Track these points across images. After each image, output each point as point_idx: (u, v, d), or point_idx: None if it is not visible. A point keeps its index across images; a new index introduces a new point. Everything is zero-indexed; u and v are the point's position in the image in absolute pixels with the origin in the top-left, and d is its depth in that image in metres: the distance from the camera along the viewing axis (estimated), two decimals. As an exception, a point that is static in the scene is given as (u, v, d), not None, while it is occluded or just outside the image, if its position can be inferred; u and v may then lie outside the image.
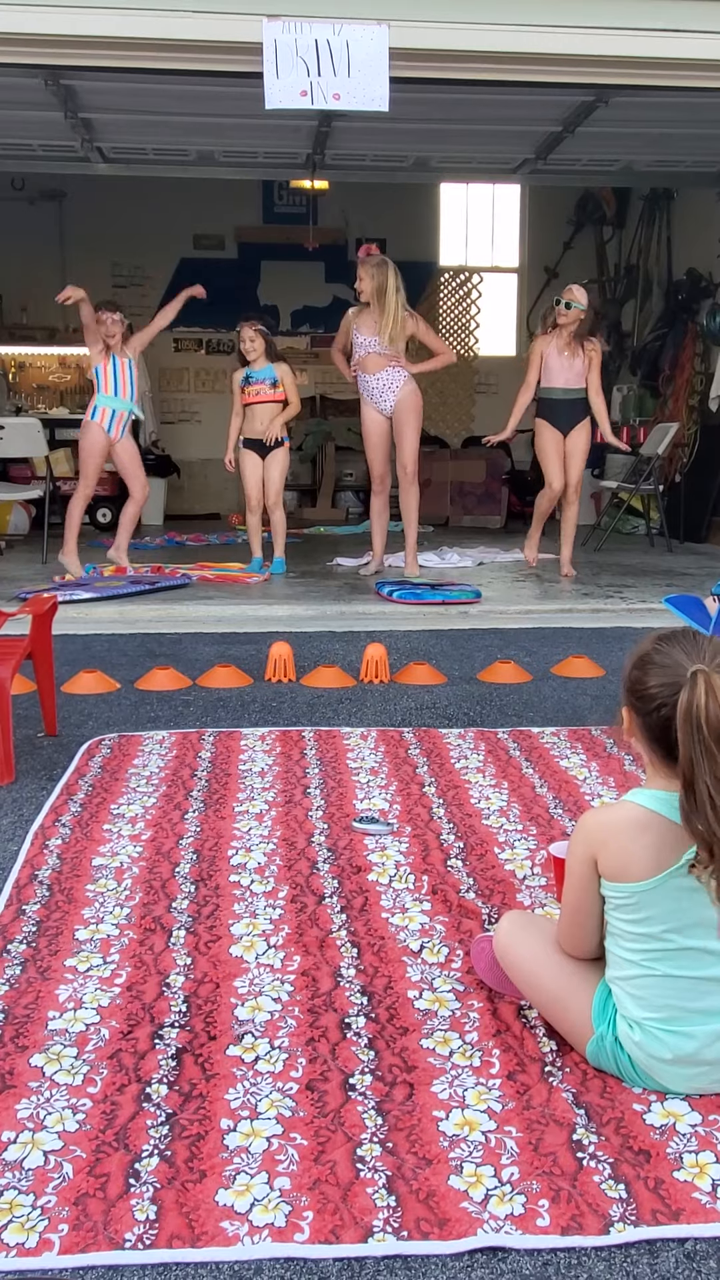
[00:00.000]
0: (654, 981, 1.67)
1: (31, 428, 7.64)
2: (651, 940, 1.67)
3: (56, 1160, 1.54)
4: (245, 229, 11.07)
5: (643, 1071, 1.69)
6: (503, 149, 7.99)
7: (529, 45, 5.29)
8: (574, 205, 11.06)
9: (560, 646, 4.83)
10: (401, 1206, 1.45)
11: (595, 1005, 1.73)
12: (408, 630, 5.21)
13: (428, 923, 2.25)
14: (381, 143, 7.66)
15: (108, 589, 5.87)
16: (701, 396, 9.04)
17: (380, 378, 6.33)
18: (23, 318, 10.88)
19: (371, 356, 6.31)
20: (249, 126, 7.05)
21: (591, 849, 1.71)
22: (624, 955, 1.71)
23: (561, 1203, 1.46)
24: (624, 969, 1.71)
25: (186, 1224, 1.42)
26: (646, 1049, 1.67)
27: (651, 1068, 1.68)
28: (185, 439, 11.18)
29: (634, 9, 5.28)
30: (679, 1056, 1.66)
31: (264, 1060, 1.77)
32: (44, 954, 2.13)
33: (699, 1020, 1.66)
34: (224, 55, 5.30)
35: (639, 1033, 1.67)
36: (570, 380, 6.54)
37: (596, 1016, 1.73)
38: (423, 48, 5.27)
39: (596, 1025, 1.72)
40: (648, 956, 1.68)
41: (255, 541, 6.92)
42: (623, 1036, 1.69)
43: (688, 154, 8.02)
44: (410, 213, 11.00)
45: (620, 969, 1.71)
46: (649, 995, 1.68)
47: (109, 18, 5.05)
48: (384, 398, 6.37)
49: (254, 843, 2.66)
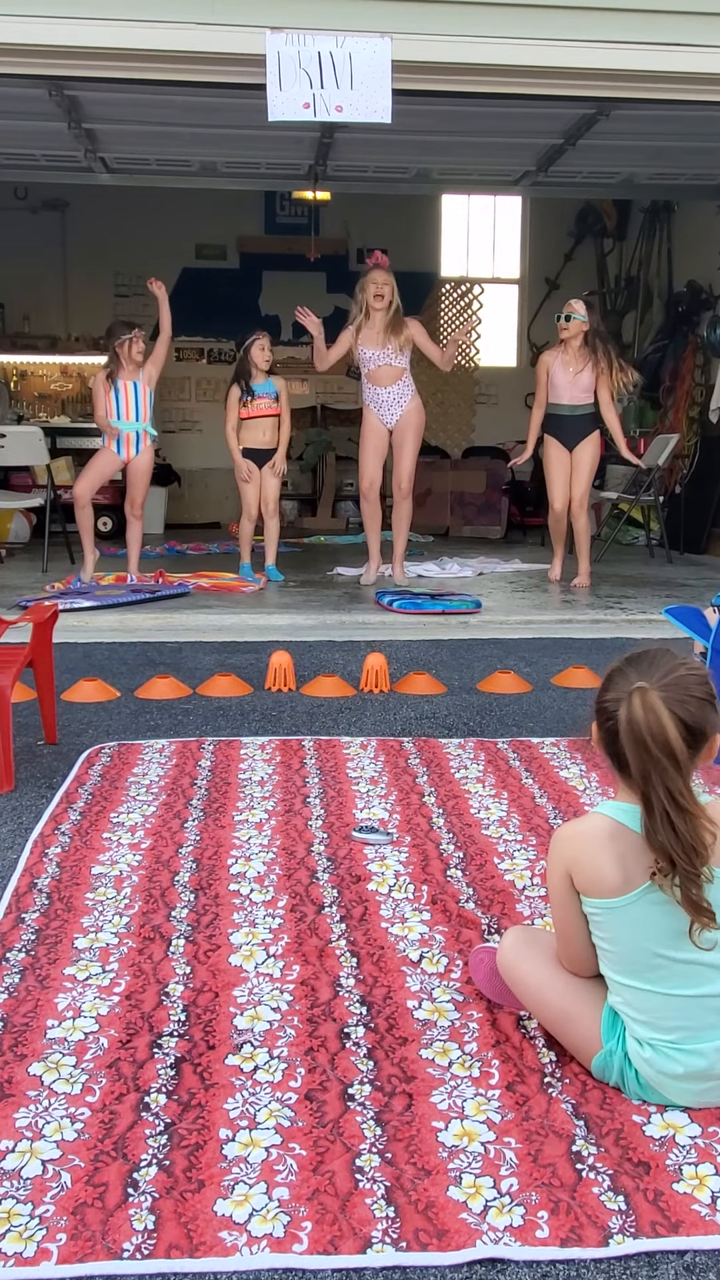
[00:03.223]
0: (659, 1001, 1.66)
1: (33, 436, 7.65)
2: (639, 959, 1.67)
3: (55, 1169, 1.54)
4: (247, 239, 11.10)
5: (648, 1085, 1.68)
6: (504, 161, 8.03)
7: (530, 59, 5.32)
8: (575, 217, 11.09)
9: (560, 657, 4.84)
10: (400, 1217, 1.45)
11: (604, 1020, 1.73)
12: (408, 640, 5.22)
13: (427, 932, 2.25)
14: (383, 154, 7.69)
15: (108, 598, 5.88)
16: (702, 408, 9.06)
17: (391, 391, 6.37)
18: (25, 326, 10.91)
19: (384, 369, 6.35)
20: (251, 138, 7.08)
21: (565, 863, 1.72)
22: (619, 979, 1.70)
23: (561, 1214, 1.46)
24: (622, 993, 1.70)
25: (185, 1234, 1.42)
26: (657, 1065, 1.66)
27: (660, 1083, 1.67)
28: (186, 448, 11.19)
29: (635, 23, 5.31)
30: (691, 1073, 1.65)
31: (263, 1070, 1.77)
32: (43, 962, 2.12)
33: (710, 1036, 1.65)
34: (227, 67, 5.32)
35: (649, 1050, 1.67)
36: (576, 396, 6.54)
37: (606, 1032, 1.72)
38: (425, 60, 5.30)
39: (606, 1041, 1.72)
40: (644, 979, 1.67)
41: (245, 549, 6.96)
42: (632, 1053, 1.69)
43: (688, 167, 8.05)
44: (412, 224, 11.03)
45: (619, 993, 1.71)
46: (655, 1017, 1.67)
47: (113, 29, 5.08)
48: (391, 411, 6.40)
49: (253, 852, 2.66)
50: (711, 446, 8.86)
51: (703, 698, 1.64)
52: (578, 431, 6.57)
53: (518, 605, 6.09)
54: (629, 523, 9.18)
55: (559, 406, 6.58)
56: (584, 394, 6.53)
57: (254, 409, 6.68)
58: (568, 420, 6.57)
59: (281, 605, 5.99)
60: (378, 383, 6.37)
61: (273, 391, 6.73)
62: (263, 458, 6.76)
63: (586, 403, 6.56)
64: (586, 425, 6.59)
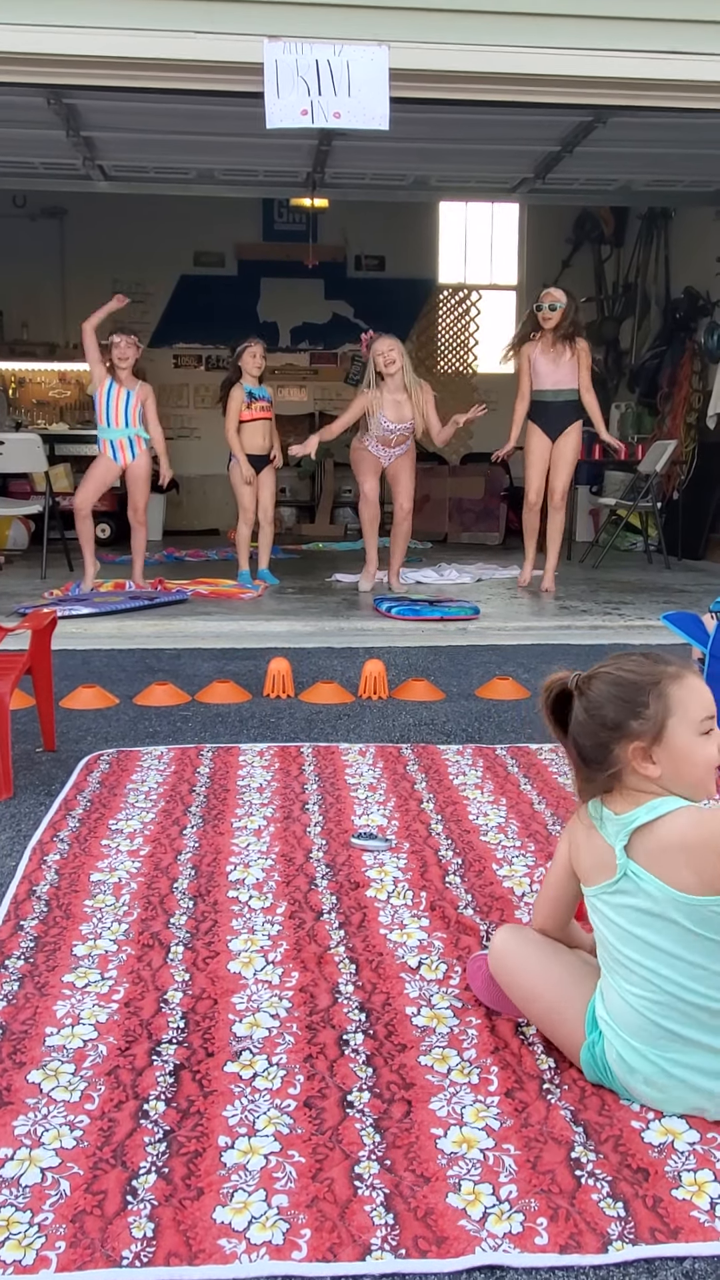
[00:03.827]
0: (619, 997, 1.69)
1: (31, 443, 7.66)
2: (601, 949, 1.73)
3: (54, 1177, 1.54)
4: (245, 246, 11.13)
5: (623, 1086, 1.70)
6: (501, 168, 8.05)
7: (528, 66, 5.34)
8: (572, 224, 11.12)
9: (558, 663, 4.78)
10: (399, 1224, 1.45)
11: (589, 1013, 1.74)
12: (406, 646, 5.22)
13: (426, 939, 2.25)
14: (381, 161, 7.71)
15: (106, 604, 5.88)
16: (699, 414, 9.08)
17: (397, 450, 6.50)
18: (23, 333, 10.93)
19: (399, 435, 6.44)
20: (249, 145, 7.10)
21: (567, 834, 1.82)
22: (602, 968, 1.74)
23: (560, 1221, 1.46)
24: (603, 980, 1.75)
25: (184, 1241, 1.42)
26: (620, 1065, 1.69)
27: (629, 1085, 1.69)
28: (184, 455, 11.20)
29: (631, 31, 5.33)
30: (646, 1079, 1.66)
31: (262, 1077, 1.77)
32: (42, 970, 2.12)
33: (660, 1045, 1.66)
34: (225, 75, 5.34)
35: (615, 1049, 1.69)
36: (560, 380, 6.56)
37: (590, 1024, 1.73)
38: (422, 68, 5.32)
39: (588, 1033, 1.73)
40: (606, 970, 1.72)
41: (244, 555, 7.00)
42: (606, 1046, 1.70)
43: (685, 174, 8.07)
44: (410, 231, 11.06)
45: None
46: (616, 1010, 1.69)
47: (112, 38, 5.10)
48: (390, 457, 6.54)
49: (252, 858, 2.66)
50: (709, 452, 8.88)
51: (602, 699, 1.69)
52: (561, 418, 6.58)
53: (516, 611, 6.09)
54: (627, 528, 9.20)
55: (543, 393, 6.59)
56: (568, 378, 6.56)
57: (254, 411, 6.74)
58: (552, 406, 6.58)
59: (280, 612, 6.00)
60: (388, 445, 6.48)
61: (268, 396, 6.85)
62: (260, 463, 6.83)
63: (570, 387, 6.57)
64: (570, 413, 6.60)
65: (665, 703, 1.64)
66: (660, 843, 1.63)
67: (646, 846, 1.64)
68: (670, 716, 1.64)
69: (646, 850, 1.63)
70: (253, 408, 6.73)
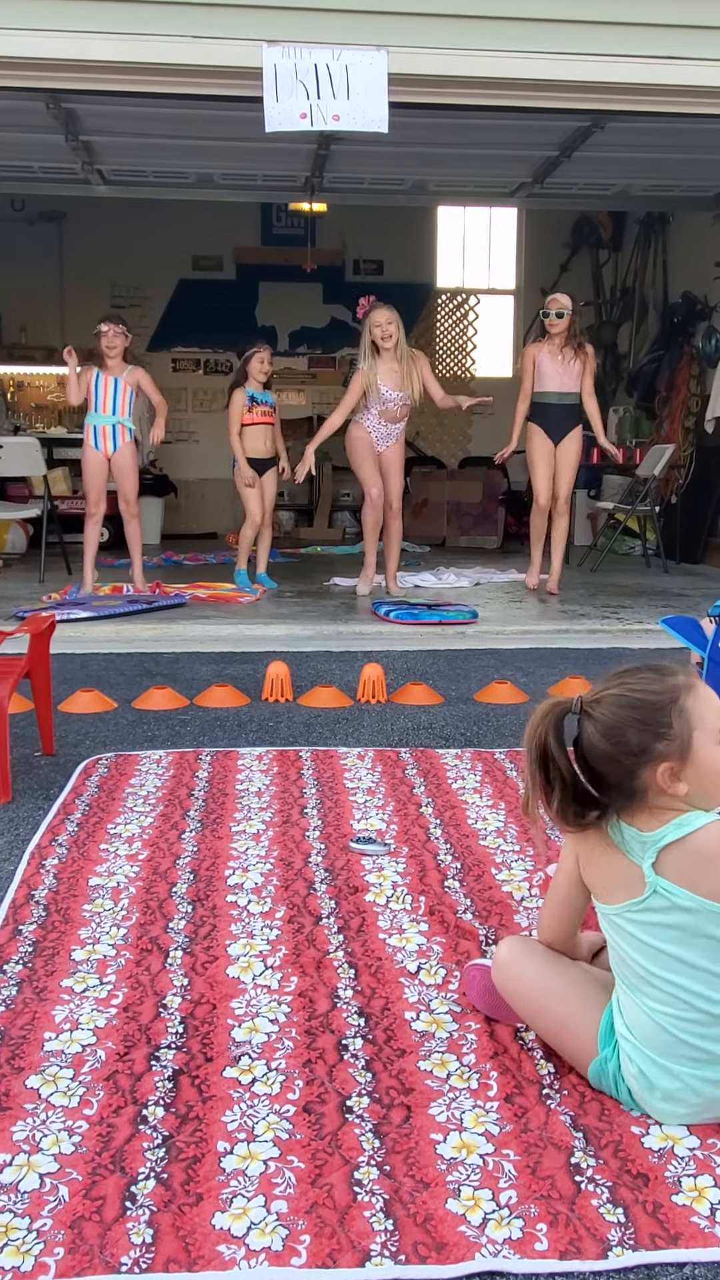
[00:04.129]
0: (643, 1015, 1.67)
1: (30, 447, 7.66)
2: (622, 966, 1.69)
3: (52, 1183, 1.53)
4: (244, 250, 11.15)
5: (637, 1100, 1.69)
6: (500, 173, 8.06)
7: (526, 71, 5.35)
8: (570, 228, 11.14)
9: (557, 667, 4.84)
10: (399, 1230, 1.45)
11: (602, 1028, 1.73)
12: (405, 650, 5.22)
13: (425, 944, 2.25)
14: (379, 166, 7.72)
15: (105, 608, 5.88)
16: (697, 418, 9.09)
17: (394, 426, 6.49)
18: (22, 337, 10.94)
19: (401, 408, 6.44)
20: (248, 149, 7.11)
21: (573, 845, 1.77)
22: (620, 984, 1.71)
23: (560, 1226, 1.45)
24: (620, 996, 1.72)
25: (183, 1247, 1.41)
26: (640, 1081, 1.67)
27: (644, 1100, 1.68)
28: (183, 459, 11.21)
29: (629, 36, 5.34)
30: (667, 1094, 1.65)
31: (261, 1082, 1.77)
32: (40, 975, 2.12)
33: (684, 1062, 1.64)
34: (224, 80, 5.35)
35: (635, 1065, 1.67)
36: (565, 384, 6.58)
37: (603, 1039, 1.72)
38: (421, 73, 5.33)
39: (601, 1048, 1.72)
40: (629, 987, 1.69)
41: (244, 555, 7.01)
42: (624, 1062, 1.69)
43: (683, 179, 8.09)
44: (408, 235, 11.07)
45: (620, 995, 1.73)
46: (640, 1027, 1.67)
47: (111, 43, 5.10)
48: (386, 439, 6.51)
49: (251, 863, 2.66)
50: (707, 456, 8.88)
51: (620, 724, 1.61)
52: (564, 422, 6.60)
53: (514, 615, 6.09)
54: (625, 532, 9.20)
55: (546, 395, 6.60)
56: (572, 382, 6.58)
57: (256, 415, 6.75)
58: (555, 409, 6.60)
59: (278, 616, 5.99)
60: (391, 420, 6.46)
61: (271, 401, 6.86)
62: (262, 467, 6.83)
63: (574, 390, 6.60)
64: (572, 416, 6.62)
65: (687, 719, 1.59)
66: (693, 857, 1.59)
67: (677, 861, 1.60)
68: (694, 731, 1.59)
69: (677, 865, 1.60)
70: (254, 411, 6.75)
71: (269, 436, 6.83)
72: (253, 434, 6.77)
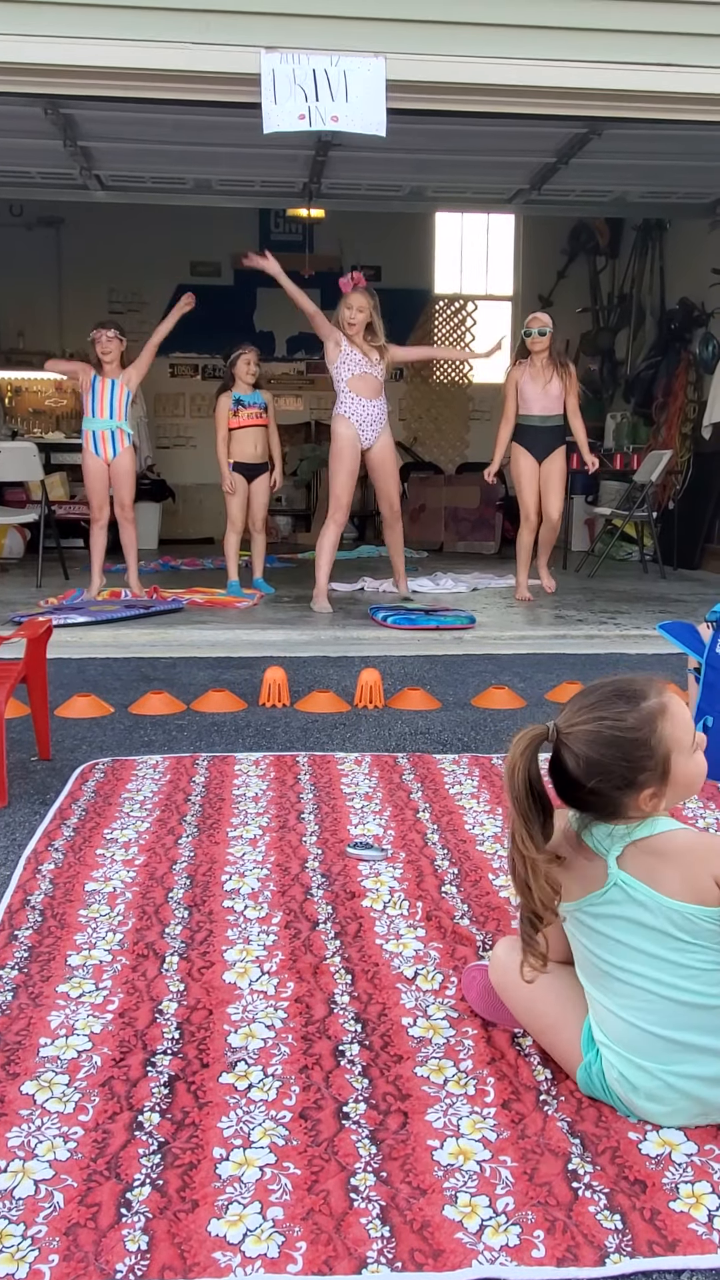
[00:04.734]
0: (613, 1016, 1.68)
1: (27, 452, 7.66)
2: (586, 965, 1.72)
3: (47, 1189, 1.53)
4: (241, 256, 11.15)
5: (622, 1102, 1.68)
6: (497, 179, 8.08)
7: (523, 78, 5.37)
8: (568, 235, 11.17)
9: (554, 672, 4.84)
10: (395, 1237, 1.44)
11: (584, 1033, 1.73)
12: (402, 655, 5.22)
13: (422, 949, 2.24)
14: (377, 172, 7.74)
15: (102, 613, 5.87)
16: (694, 424, 9.11)
17: (373, 406, 6.31)
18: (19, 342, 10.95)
19: (368, 379, 6.29)
20: (246, 155, 7.12)
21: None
22: (588, 986, 1.73)
23: (557, 1233, 1.45)
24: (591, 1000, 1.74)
25: (178, 1254, 1.41)
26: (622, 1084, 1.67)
27: (631, 1103, 1.68)
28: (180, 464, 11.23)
29: (627, 43, 5.36)
30: (649, 1094, 1.65)
31: (257, 1088, 1.76)
32: (36, 980, 2.11)
33: (660, 1057, 1.65)
34: (222, 86, 5.36)
35: (615, 1069, 1.68)
36: (547, 407, 6.61)
37: (585, 1044, 1.72)
38: (419, 80, 5.34)
39: (585, 1052, 1.72)
40: (595, 987, 1.71)
41: (233, 565, 7.00)
42: (605, 1066, 1.69)
43: (680, 185, 8.12)
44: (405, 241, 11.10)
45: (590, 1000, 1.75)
46: (611, 1028, 1.69)
47: (109, 49, 5.11)
48: (369, 429, 6.33)
49: (248, 868, 2.65)
50: (704, 462, 8.90)
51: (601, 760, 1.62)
52: (548, 443, 6.64)
53: (512, 621, 6.10)
54: (623, 538, 9.21)
55: (530, 418, 6.64)
56: (555, 403, 6.60)
57: (243, 418, 6.71)
58: (539, 431, 6.63)
59: (275, 620, 5.99)
60: (360, 393, 6.24)
61: (261, 402, 6.80)
62: (252, 472, 6.81)
63: (557, 413, 6.63)
64: (556, 437, 6.66)
65: (664, 745, 1.63)
66: (657, 854, 1.64)
67: (640, 858, 1.64)
68: (671, 754, 1.64)
69: (639, 861, 1.64)
70: (240, 415, 6.72)
71: (259, 440, 6.79)
72: (241, 437, 6.75)
